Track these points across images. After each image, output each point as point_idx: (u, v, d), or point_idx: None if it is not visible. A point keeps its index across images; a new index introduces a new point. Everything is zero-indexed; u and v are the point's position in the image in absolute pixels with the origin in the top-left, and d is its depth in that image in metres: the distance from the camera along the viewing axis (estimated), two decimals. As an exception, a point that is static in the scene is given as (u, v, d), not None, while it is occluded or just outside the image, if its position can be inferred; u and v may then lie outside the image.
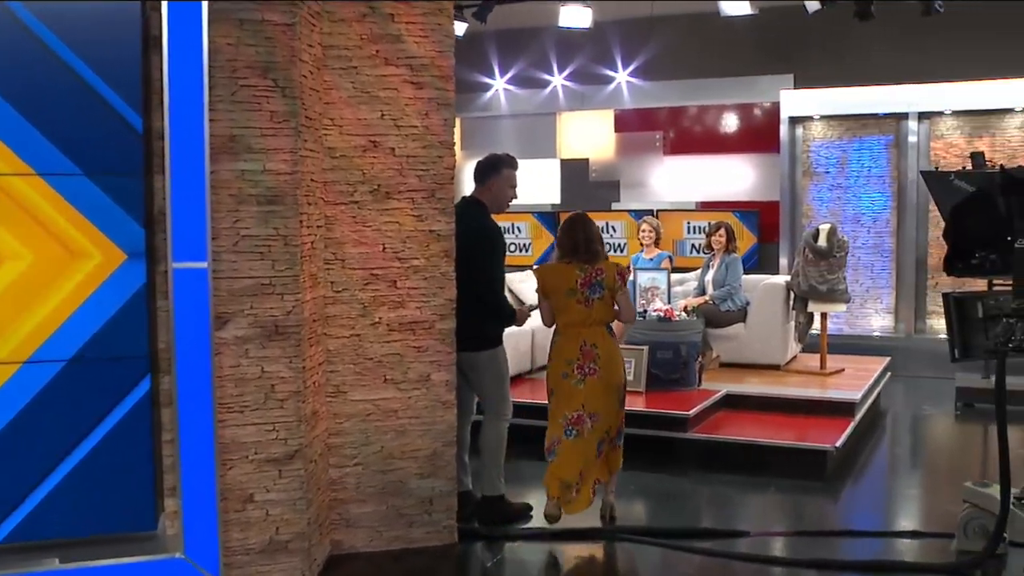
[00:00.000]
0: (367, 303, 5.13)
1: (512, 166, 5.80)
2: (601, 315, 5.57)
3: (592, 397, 5.50)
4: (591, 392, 5.50)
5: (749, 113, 11.76)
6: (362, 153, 5.07)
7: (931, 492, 6.67)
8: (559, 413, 5.57)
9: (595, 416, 5.51)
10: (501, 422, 5.73)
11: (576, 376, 5.52)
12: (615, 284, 5.55)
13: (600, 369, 5.51)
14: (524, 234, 12.50)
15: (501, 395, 5.73)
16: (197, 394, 4.42)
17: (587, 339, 5.53)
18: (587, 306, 5.53)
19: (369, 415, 5.18)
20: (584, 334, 5.53)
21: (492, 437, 5.72)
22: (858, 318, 10.70)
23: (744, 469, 6.80)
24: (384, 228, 5.13)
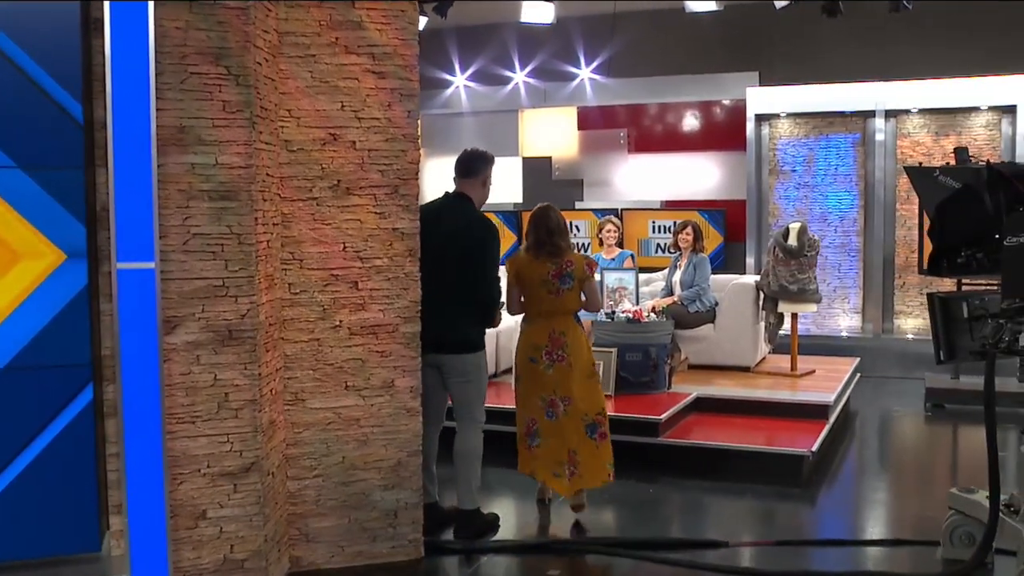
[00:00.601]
0: (327, 305, 4.85)
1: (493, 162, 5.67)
2: (570, 305, 5.69)
3: (562, 382, 5.63)
4: (560, 377, 5.62)
5: (715, 111, 11.60)
6: (321, 147, 4.78)
7: (909, 497, 6.50)
8: (529, 397, 5.67)
9: (567, 400, 5.64)
10: (479, 429, 5.51)
11: (545, 362, 5.63)
12: (584, 275, 5.68)
13: (568, 356, 5.62)
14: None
15: (481, 400, 5.52)
16: (144, 404, 4.13)
17: (556, 327, 5.64)
18: (557, 296, 5.62)
19: (330, 424, 4.90)
20: (553, 323, 5.64)
21: (472, 445, 5.47)
22: (825, 318, 10.56)
23: (718, 475, 6.59)
24: (345, 226, 4.84)
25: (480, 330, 5.46)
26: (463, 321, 5.32)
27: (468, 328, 5.37)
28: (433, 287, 5.09)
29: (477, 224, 5.41)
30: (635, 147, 11.95)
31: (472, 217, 5.41)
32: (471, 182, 5.51)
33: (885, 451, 7.87)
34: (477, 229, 5.38)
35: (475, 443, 5.47)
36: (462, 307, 5.29)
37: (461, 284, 5.26)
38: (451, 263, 5.21)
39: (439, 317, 5.14)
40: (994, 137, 10.34)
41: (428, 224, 5.10)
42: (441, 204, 5.49)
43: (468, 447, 5.45)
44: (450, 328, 5.23)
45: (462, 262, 5.25)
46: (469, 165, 5.52)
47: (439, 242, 5.17)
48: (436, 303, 5.12)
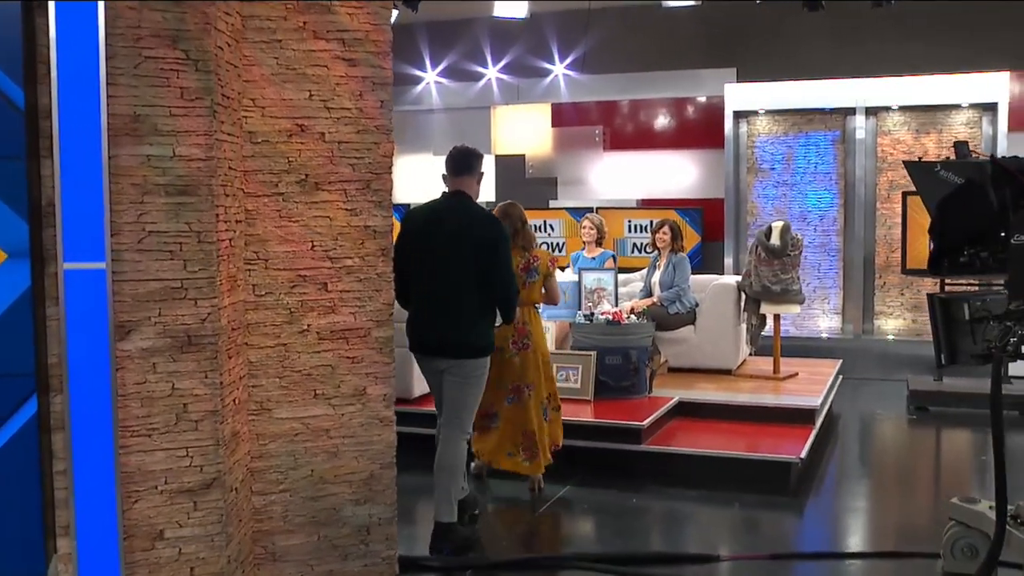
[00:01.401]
0: (294, 308, 4.52)
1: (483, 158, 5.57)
2: (534, 296, 6.08)
3: (527, 369, 5.99)
4: (525, 364, 5.98)
5: (692, 108, 11.38)
6: (287, 138, 4.45)
7: (901, 505, 6.28)
8: (492, 384, 5.61)
9: (531, 386, 6.02)
10: (463, 440, 5.32)
11: (511, 350, 5.93)
12: (548, 271, 6.11)
13: (531, 344, 6.00)
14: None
15: (473, 408, 5.33)
16: (95, 416, 3.79)
17: (521, 317, 5.92)
18: (523, 288, 5.87)
19: (297, 435, 4.57)
20: (519, 313, 5.82)
21: (455, 458, 5.26)
22: (805, 319, 10.35)
23: (703, 483, 6.34)
24: (313, 223, 4.52)
25: (486, 334, 5.23)
26: (467, 324, 5.13)
27: (472, 331, 5.16)
28: (436, 290, 5.07)
29: (486, 222, 5.23)
30: (610, 145, 11.70)
31: (479, 215, 5.24)
32: (467, 179, 5.30)
33: (872, 457, 7.65)
34: (487, 228, 5.18)
35: (459, 455, 5.27)
36: (467, 309, 5.11)
37: (467, 285, 5.08)
38: (457, 264, 5.06)
39: (442, 320, 5.10)
40: (975, 135, 10.18)
41: (430, 225, 5.09)
42: (442, 204, 5.29)
43: (451, 459, 5.25)
44: (454, 331, 5.11)
45: (469, 262, 5.06)
46: (464, 162, 5.31)
47: (443, 243, 5.08)
48: (439, 306, 5.08)
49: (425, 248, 5.08)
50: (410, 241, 5.20)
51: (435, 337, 5.12)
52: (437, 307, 5.07)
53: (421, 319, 5.24)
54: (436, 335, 5.11)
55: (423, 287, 5.15)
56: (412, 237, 5.21)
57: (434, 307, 5.07)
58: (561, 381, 7.44)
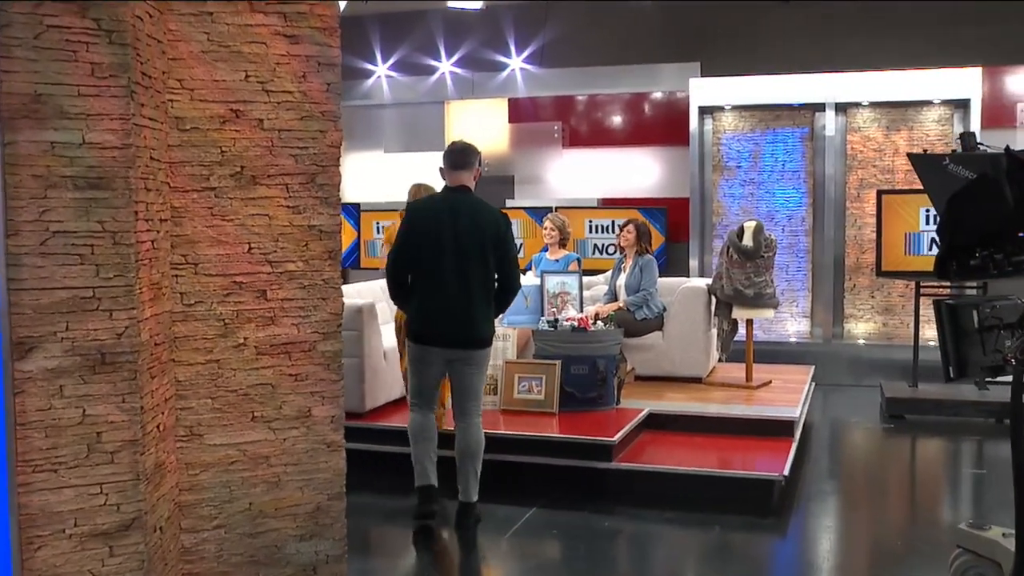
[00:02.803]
0: (228, 320, 3.97)
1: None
2: None
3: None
4: None
5: (655, 103, 10.94)
6: (220, 125, 3.91)
7: (891, 524, 5.86)
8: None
9: None
10: (480, 423, 5.49)
11: None
12: None
13: None
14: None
15: (482, 391, 5.57)
16: (-12, 450, 3.21)
17: None
18: None
19: (233, 463, 4.02)
20: None
21: (476, 440, 5.43)
22: (773, 323, 9.94)
23: (680, 503, 5.86)
24: (250, 223, 3.98)
25: (493, 323, 5.47)
26: (481, 316, 5.28)
27: (485, 322, 5.34)
28: (453, 283, 5.16)
29: (498, 217, 5.37)
30: (570, 141, 11.22)
31: (490, 210, 5.37)
32: (467, 174, 5.39)
33: (853, 470, 7.22)
34: (500, 222, 5.34)
35: (478, 437, 5.43)
36: (480, 301, 5.25)
37: (481, 278, 5.23)
38: (475, 258, 5.18)
39: (460, 313, 5.20)
40: (947, 132, 9.85)
41: (444, 219, 5.18)
42: (452, 199, 5.34)
43: (472, 442, 5.40)
44: (469, 325, 5.23)
45: (484, 255, 5.21)
46: (464, 157, 5.41)
47: (460, 237, 5.17)
48: (457, 299, 5.18)
49: (440, 242, 5.18)
50: (421, 235, 5.26)
51: (452, 330, 5.23)
52: (460, 301, 5.19)
53: (436, 312, 5.27)
54: (453, 328, 5.23)
55: (437, 281, 5.22)
56: (423, 231, 5.26)
57: (452, 300, 5.19)
58: (523, 392, 6.96)
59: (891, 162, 9.93)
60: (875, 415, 8.51)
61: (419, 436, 5.50)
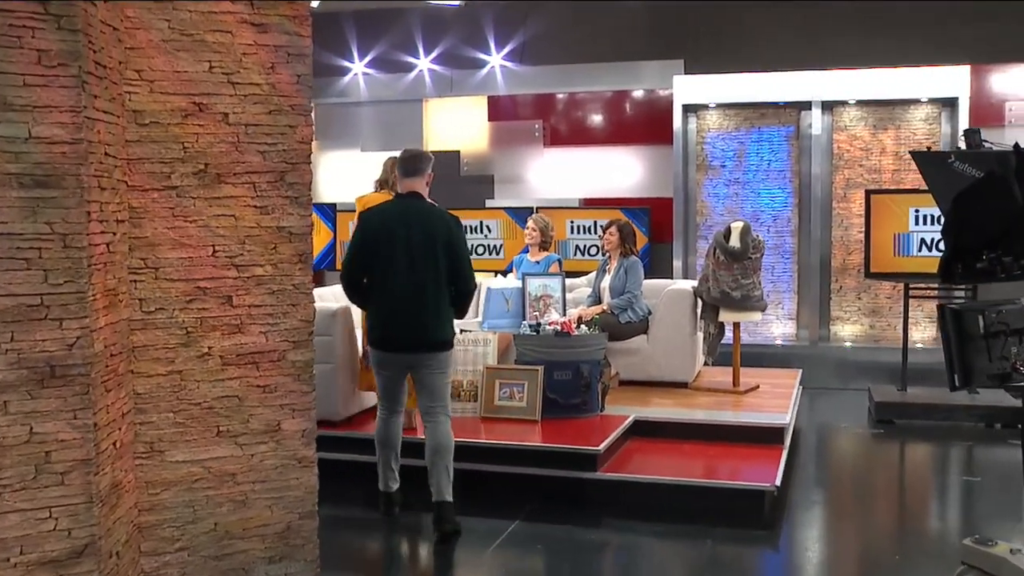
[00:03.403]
0: (192, 328, 3.72)
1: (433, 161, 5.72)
2: None
3: None
4: None
5: (638, 101, 10.70)
6: (182, 119, 3.66)
7: (888, 537, 5.62)
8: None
9: None
10: (449, 421, 5.46)
11: None
12: None
13: None
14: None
15: (449, 391, 5.58)
16: (-76, 473, 2.94)
17: None
18: None
19: (197, 481, 3.78)
20: None
21: (446, 439, 5.38)
22: (759, 325, 9.71)
23: (667, 515, 5.64)
24: (214, 224, 3.73)
25: (452, 325, 5.50)
26: (437, 319, 5.31)
27: (443, 326, 5.37)
28: (411, 289, 5.20)
29: (447, 219, 5.41)
30: (551, 140, 10.96)
31: (441, 215, 5.42)
32: (419, 181, 5.46)
33: (845, 478, 6.99)
34: (452, 227, 5.38)
35: (448, 435, 5.40)
36: (435, 305, 5.29)
37: (435, 281, 5.26)
38: (431, 263, 5.23)
39: (420, 319, 5.24)
40: (934, 131, 9.68)
41: (397, 226, 5.24)
42: (404, 206, 5.42)
43: (442, 440, 5.36)
44: (425, 329, 5.27)
45: (439, 260, 5.25)
46: (413, 164, 5.48)
47: (414, 243, 5.22)
48: (416, 305, 5.22)
49: (395, 249, 5.22)
50: (375, 242, 5.30)
51: (409, 335, 5.28)
52: (414, 306, 5.24)
53: (392, 318, 5.31)
54: (410, 333, 5.27)
55: (392, 287, 5.25)
56: (377, 238, 5.30)
57: (411, 306, 5.24)
58: (504, 399, 6.73)
59: (878, 161, 9.75)
60: (863, 419, 8.32)
61: (382, 442, 5.58)
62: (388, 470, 5.62)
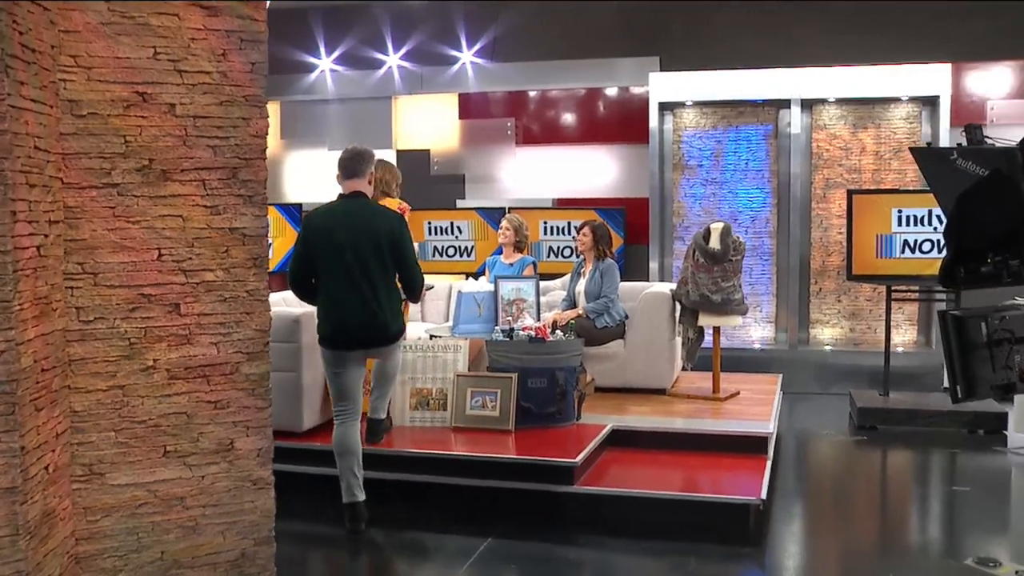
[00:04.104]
0: (135, 339, 3.40)
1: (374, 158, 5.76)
2: None
3: None
4: None
5: (613, 99, 10.44)
6: (124, 110, 3.34)
7: (882, 552, 5.39)
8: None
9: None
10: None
11: None
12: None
13: None
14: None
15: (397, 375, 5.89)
16: None
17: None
18: None
19: (141, 506, 3.46)
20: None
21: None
22: (737, 329, 9.48)
23: (649, 531, 5.37)
24: (160, 225, 3.42)
25: (401, 317, 5.63)
26: (386, 315, 5.40)
27: (392, 320, 5.47)
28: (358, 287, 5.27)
29: (389, 217, 5.50)
30: (524, 139, 10.68)
31: (380, 211, 5.54)
32: (360, 181, 5.49)
33: (830, 490, 6.72)
34: (391, 222, 5.45)
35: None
36: (384, 301, 5.37)
37: (382, 279, 5.35)
38: (376, 261, 5.31)
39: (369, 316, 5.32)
40: (915, 130, 9.48)
41: (340, 226, 5.30)
42: (346, 206, 5.46)
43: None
44: (381, 325, 5.38)
45: (383, 257, 5.34)
46: (353, 166, 5.48)
47: (359, 242, 5.28)
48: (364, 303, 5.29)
49: (338, 249, 5.27)
50: (318, 244, 5.34)
51: (359, 333, 5.37)
52: (362, 304, 5.30)
53: (342, 317, 5.35)
54: (360, 331, 5.36)
55: (339, 286, 5.31)
56: (320, 240, 5.34)
57: (359, 304, 5.30)
58: (476, 408, 6.44)
59: (858, 161, 9.54)
60: (845, 425, 8.11)
61: (341, 450, 5.48)
62: (352, 478, 5.45)
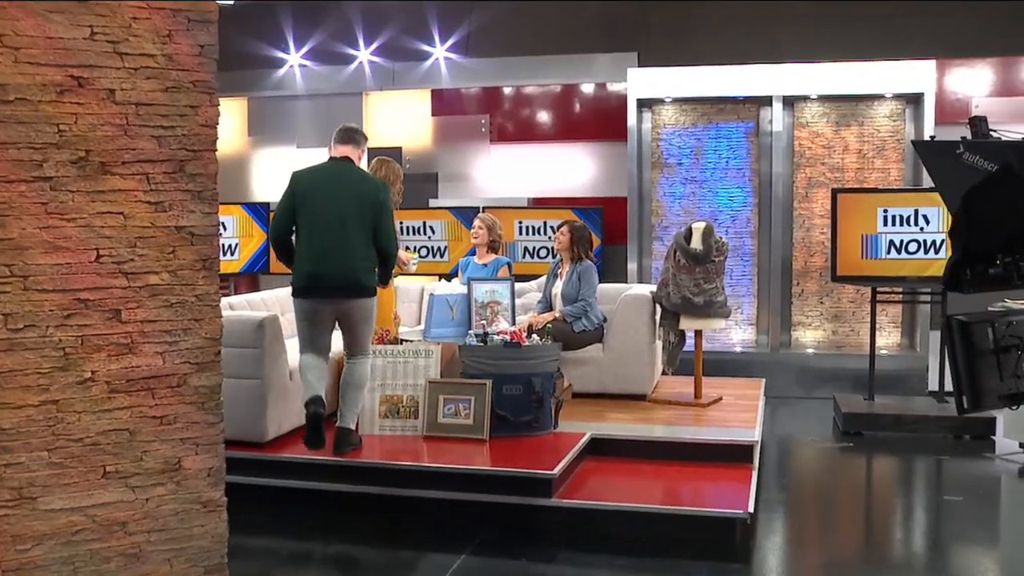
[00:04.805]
0: (70, 349, 3.09)
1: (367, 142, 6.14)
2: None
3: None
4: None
5: (590, 96, 10.19)
6: (57, 96, 3.03)
7: (874, 567, 5.14)
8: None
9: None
10: (367, 362, 5.90)
11: None
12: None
13: None
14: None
15: (371, 336, 5.95)
16: None
17: None
18: None
19: (78, 533, 3.15)
20: None
21: (359, 375, 5.84)
22: (717, 331, 9.24)
23: (631, 547, 5.11)
24: (99, 223, 3.11)
25: (373, 278, 5.78)
26: (361, 266, 5.62)
27: (366, 274, 5.68)
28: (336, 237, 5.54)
29: (375, 183, 5.85)
30: (498, 136, 10.41)
31: (367, 177, 5.90)
32: (351, 148, 5.87)
33: (818, 501, 6.44)
34: (377, 188, 5.77)
35: (360, 373, 5.85)
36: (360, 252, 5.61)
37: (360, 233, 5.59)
38: (356, 217, 5.58)
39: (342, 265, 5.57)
40: (898, 128, 9.28)
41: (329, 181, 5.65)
42: (335, 166, 5.79)
43: (355, 376, 5.82)
44: (352, 274, 5.59)
45: (366, 217, 5.60)
46: (349, 134, 5.90)
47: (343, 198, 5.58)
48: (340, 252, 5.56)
49: (325, 204, 5.59)
50: (304, 196, 5.64)
51: (338, 280, 5.58)
52: (340, 252, 5.56)
53: (317, 262, 5.58)
54: (340, 279, 5.57)
55: (319, 234, 5.58)
56: (307, 193, 5.64)
57: (337, 253, 5.56)
58: (449, 416, 6.16)
59: (841, 159, 9.32)
60: (829, 431, 7.89)
61: (308, 366, 5.73)
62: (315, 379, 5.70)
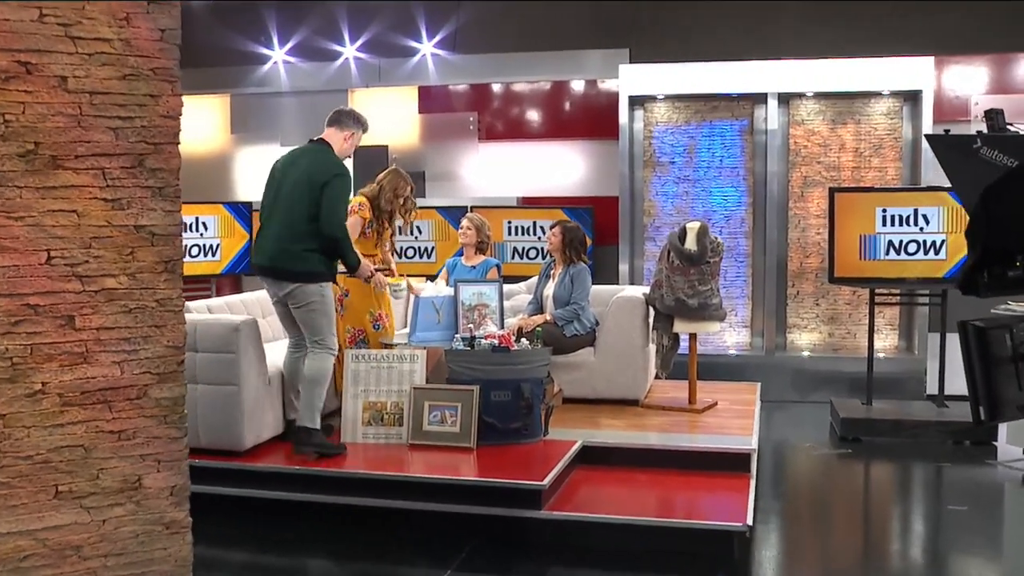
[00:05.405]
0: (18, 358, 2.85)
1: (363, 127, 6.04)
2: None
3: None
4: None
5: (581, 93, 9.96)
6: (3, 83, 2.78)
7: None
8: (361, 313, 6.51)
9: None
10: (327, 356, 5.72)
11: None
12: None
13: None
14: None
15: (331, 329, 5.77)
16: None
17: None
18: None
19: (27, 558, 2.90)
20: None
21: (313, 369, 5.68)
22: (711, 334, 9.00)
23: (624, 561, 4.89)
24: (49, 222, 2.86)
25: (317, 263, 5.62)
26: (295, 250, 5.55)
27: (300, 258, 5.56)
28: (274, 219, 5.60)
29: (330, 166, 5.68)
30: (487, 134, 10.17)
31: (325, 159, 5.72)
32: (333, 131, 5.86)
33: (818, 510, 6.21)
34: (330, 168, 5.64)
35: (322, 367, 5.68)
36: (297, 236, 5.54)
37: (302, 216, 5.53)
38: (298, 197, 5.54)
39: (271, 246, 5.59)
40: (896, 126, 9.07)
41: (286, 166, 5.73)
42: (302, 148, 5.87)
43: (314, 371, 5.66)
44: (280, 259, 5.57)
45: (307, 196, 5.53)
46: (337, 115, 5.93)
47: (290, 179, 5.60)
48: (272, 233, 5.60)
49: (277, 183, 5.70)
50: (267, 183, 5.80)
51: (263, 262, 5.65)
52: (269, 237, 5.62)
53: (257, 249, 5.76)
54: (264, 260, 5.64)
55: (265, 220, 5.70)
56: (270, 178, 5.81)
57: (266, 237, 5.64)
58: (434, 423, 5.92)
59: (837, 158, 9.11)
60: (826, 436, 7.69)
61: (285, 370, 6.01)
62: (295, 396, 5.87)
